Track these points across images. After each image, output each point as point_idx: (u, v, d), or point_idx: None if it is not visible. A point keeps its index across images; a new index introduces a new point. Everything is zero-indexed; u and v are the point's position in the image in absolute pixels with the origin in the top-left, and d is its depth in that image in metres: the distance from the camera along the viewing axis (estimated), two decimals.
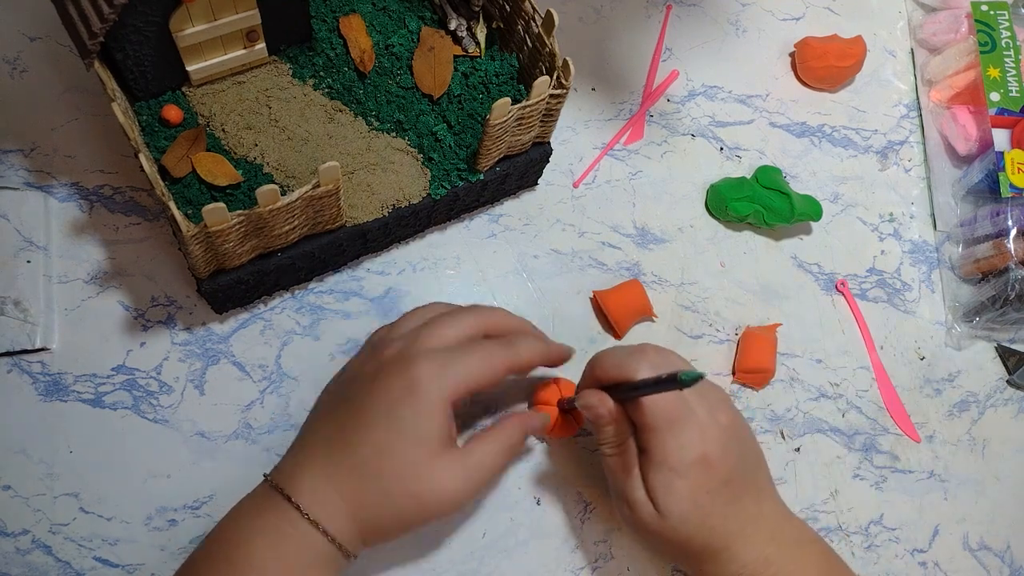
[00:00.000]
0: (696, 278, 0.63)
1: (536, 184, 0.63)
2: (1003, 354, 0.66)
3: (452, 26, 0.58)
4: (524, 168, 0.59)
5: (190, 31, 0.49)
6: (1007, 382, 0.66)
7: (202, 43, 0.50)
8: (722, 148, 0.68)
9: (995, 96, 0.68)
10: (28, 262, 0.53)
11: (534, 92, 0.51)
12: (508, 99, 0.49)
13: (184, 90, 0.53)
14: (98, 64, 0.46)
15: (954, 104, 0.72)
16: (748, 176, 0.65)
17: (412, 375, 0.44)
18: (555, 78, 0.52)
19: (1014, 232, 0.63)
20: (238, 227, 0.45)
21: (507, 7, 0.56)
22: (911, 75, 0.76)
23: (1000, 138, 0.67)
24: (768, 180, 0.64)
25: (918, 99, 0.75)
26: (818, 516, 0.58)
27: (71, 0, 0.44)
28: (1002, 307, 0.63)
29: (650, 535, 0.46)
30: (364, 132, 0.55)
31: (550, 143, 0.58)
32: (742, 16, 0.74)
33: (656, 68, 0.70)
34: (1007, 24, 0.71)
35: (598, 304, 0.60)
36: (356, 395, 0.46)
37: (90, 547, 0.49)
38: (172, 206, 0.44)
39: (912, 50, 0.77)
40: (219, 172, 0.51)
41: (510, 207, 0.62)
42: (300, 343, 0.56)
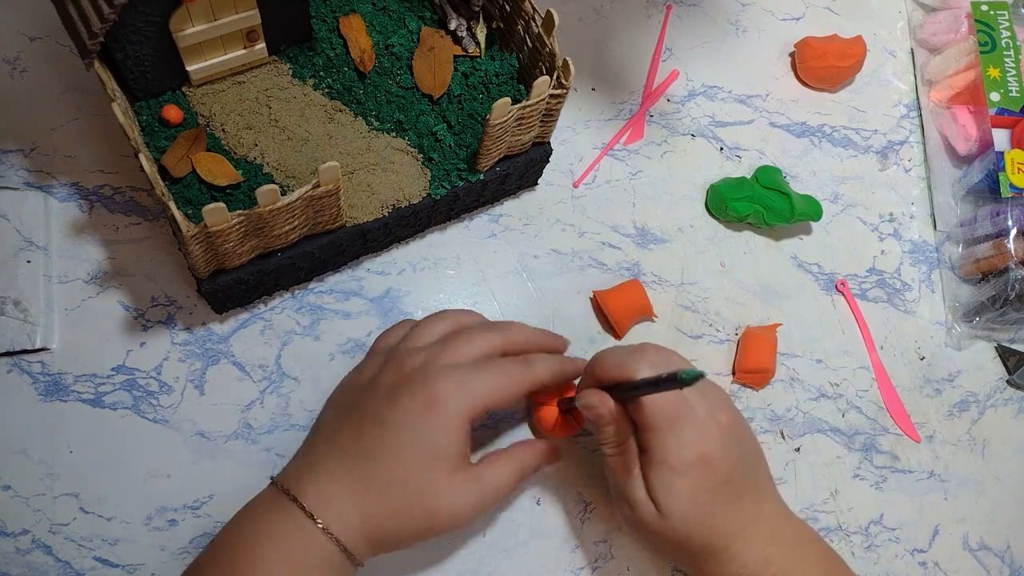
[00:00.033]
0: (696, 278, 0.63)
1: (536, 184, 0.63)
2: (1003, 354, 0.66)
3: (452, 26, 0.58)
4: (524, 168, 0.59)
5: (190, 31, 0.49)
6: (1007, 382, 0.66)
7: (202, 43, 0.50)
8: (722, 148, 0.68)
9: (995, 96, 0.68)
10: (28, 262, 0.53)
11: (534, 92, 0.51)
12: (508, 99, 0.49)
13: (184, 90, 0.53)
14: (98, 64, 0.46)
15: (954, 104, 0.72)
16: (748, 176, 0.65)
17: (433, 391, 0.44)
18: (555, 78, 0.52)
19: (1014, 232, 0.63)
20: (238, 227, 0.45)
21: (507, 7, 0.56)
22: (911, 75, 0.76)
23: (1000, 138, 0.67)
24: (768, 180, 0.64)
25: (918, 99, 0.75)
26: (818, 516, 0.58)
27: (71, 0, 0.44)
28: (1002, 307, 0.63)
29: (651, 535, 0.46)
30: (364, 132, 0.55)
31: (550, 143, 0.58)
32: (742, 16, 0.74)
33: (656, 68, 0.70)
34: (1007, 24, 0.71)
35: (598, 304, 0.60)
36: (374, 405, 0.46)
37: (90, 547, 0.49)
38: (172, 206, 0.44)
39: (912, 50, 0.77)
40: (219, 172, 0.51)
41: (510, 207, 0.62)
42: (300, 343, 0.56)
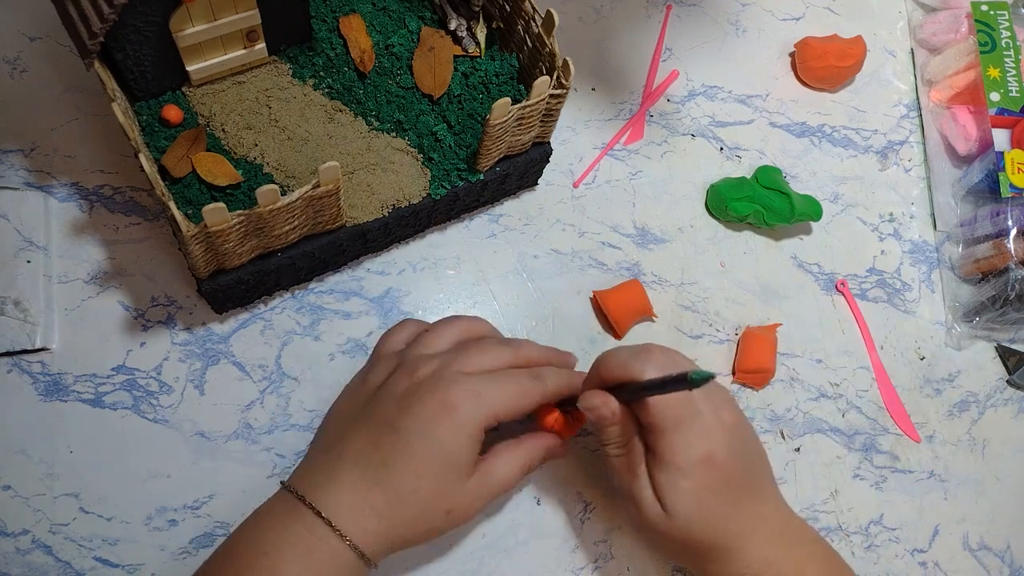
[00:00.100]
0: (696, 278, 0.63)
1: (536, 184, 0.63)
2: (1003, 354, 0.66)
3: (452, 26, 0.58)
4: (524, 168, 0.59)
5: (190, 31, 0.49)
6: (1007, 382, 0.66)
7: (202, 43, 0.50)
8: (722, 148, 0.68)
9: (995, 96, 0.68)
10: (28, 262, 0.53)
11: (534, 92, 0.51)
12: (508, 99, 0.49)
13: (184, 90, 0.53)
14: (98, 64, 0.46)
15: (954, 104, 0.72)
16: (748, 176, 0.65)
17: (447, 399, 0.45)
18: (555, 78, 0.52)
19: (1014, 232, 0.63)
20: (238, 227, 0.45)
21: (507, 7, 0.56)
22: (911, 75, 0.76)
23: (1000, 138, 0.67)
24: (768, 180, 0.64)
25: (918, 99, 0.75)
26: (818, 516, 0.58)
27: (71, 0, 0.44)
28: (1002, 307, 0.63)
29: (656, 535, 0.46)
30: (364, 132, 0.55)
31: (550, 143, 0.58)
32: (742, 16, 0.74)
33: (656, 68, 0.70)
34: (1007, 24, 0.71)
35: (598, 304, 0.60)
36: (387, 412, 0.46)
37: (90, 547, 0.49)
38: (172, 206, 0.44)
39: (912, 50, 0.77)
40: (219, 172, 0.51)
41: (510, 207, 0.62)
42: (300, 343, 0.56)
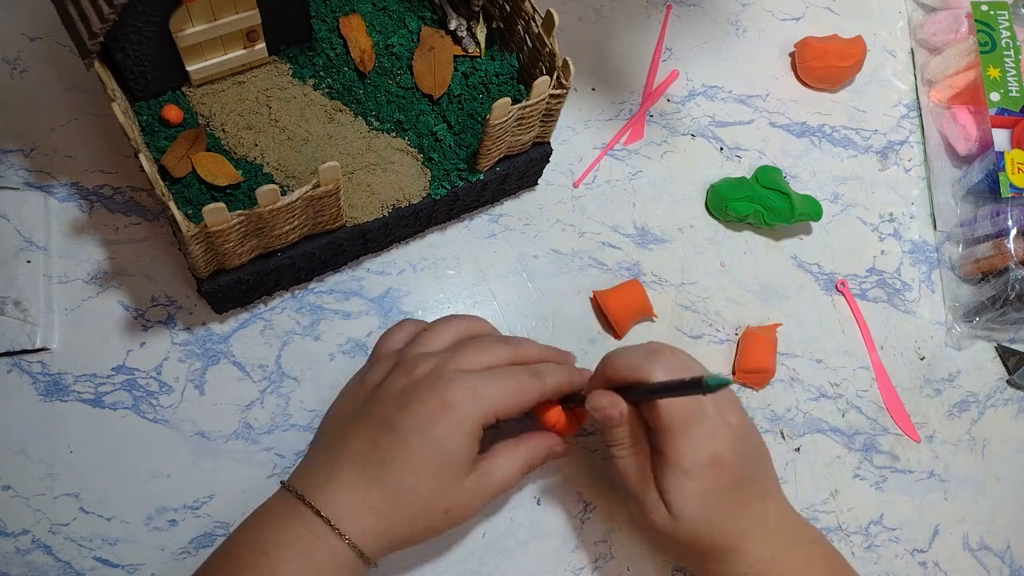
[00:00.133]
0: (696, 278, 0.63)
1: (536, 184, 0.63)
2: (1003, 354, 0.66)
3: (452, 26, 0.58)
4: (524, 168, 0.59)
5: (190, 31, 0.49)
6: (1007, 382, 0.66)
7: (202, 43, 0.50)
8: (722, 148, 0.68)
9: (995, 96, 0.68)
10: (28, 262, 0.53)
11: (534, 92, 0.51)
12: (508, 99, 0.49)
13: (184, 90, 0.53)
14: (98, 64, 0.46)
15: (954, 104, 0.72)
16: (748, 176, 0.65)
17: (444, 397, 0.45)
18: (555, 78, 0.52)
19: (1014, 232, 0.63)
20: (238, 227, 0.45)
21: (507, 7, 0.56)
22: (911, 75, 0.76)
23: (1000, 138, 0.67)
24: (768, 180, 0.64)
25: (918, 99, 0.75)
26: (818, 516, 0.58)
27: (71, 0, 0.44)
28: (1002, 307, 0.63)
29: (661, 536, 0.46)
30: (364, 132, 0.55)
31: (550, 143, 0.58)
32: (742, 16, 0.74)
33: (656, 68, 0.70)
34: (1007, 24, 0.71)
35: (598, 304, 0.60)
36: (384, 410, 0.46)
37: (90, 547, 0.49)
38: (172, 206, 0.44)
39: (912, 50, 0.77)
40: (219, 172, 0.51)
41: (510, 207, 0.62)
42: (300, 343, 0.56)
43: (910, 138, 0.73)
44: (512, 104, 0.50)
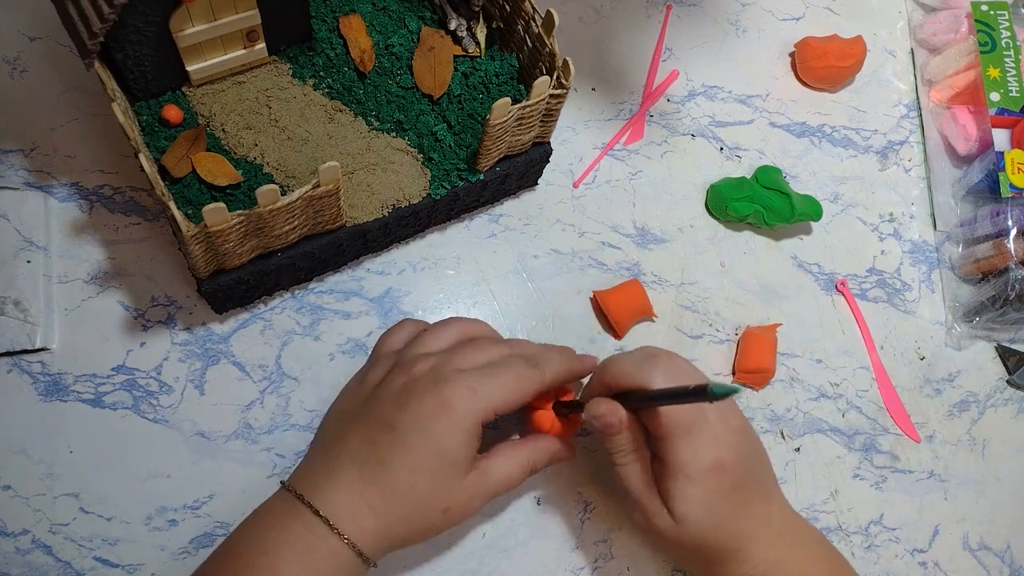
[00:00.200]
0: (696, 278, 0.63)
1: (536, 184, 0.63)
2: (1003, 354, 0.66)
3: (452, 26, 0.58)
4: (524, 168, 0.59)
5: (190, 31, 0.49)
6: (1007, 382, 0.66)
7: (202, 43, 0.50)
8: (722, 148, 0.68)
9: (995, 96, 0.68)
10: (28, 262, 0.53)
11: (534, 92, 0.51)
12: (508, 99, 0.49)
13: (184, 90, 0.53)
14: (98, 64, 0.46)
15: (954, 104, 0.72)
16: (748, 176, 0.65)
17: (443, 396, 0.44)
18: (555, 78, 0.52)
19: (1014, 232, 0.63)
20: (238, 227, 0.45)
21: (507, 7, 0.56)
22: (911, 75, 0.76)
23: (1000, 138, 0.67)
24: (768, 180, 0.64)
25: (918, 99, 0.75)
26: (818, 516, 0.58)
27: (71, 0, 0.44)
28: (1002, 307, 0.63)
29: (665, 540, 0.46)
30: (364, 132, 0.55)
31: (550, 143, 0.58)
32: (742, 16, 0.74)
33: (656, 68, 0.70)
34: (1007, 24, 0.71)
35: (598, 304, 0.60)
36: (383, 409, 0.46)
37: (90, 547, 0.49)
38: (172, 206, 0.44)
39: (912, 50, 0.77)
40: (219, 172, 0.51)
41: (510, 207, 0.62)
42: (300, 343, 0.56)
43: (910, 138, 0.73)
44: (512, 104, 0.50)
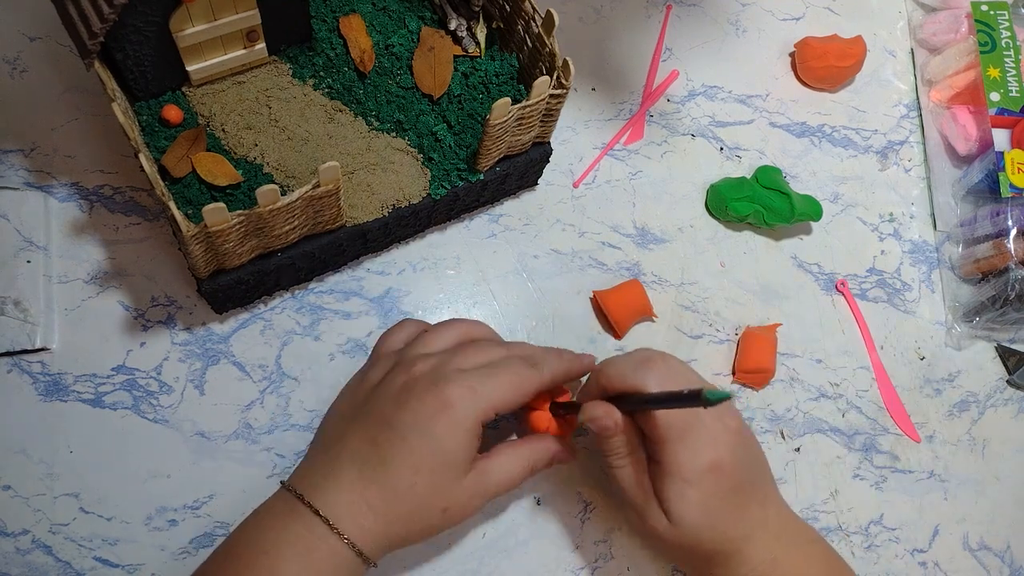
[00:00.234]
0: (696, 278, 0.63)
1: (536, 184, 0.63)
2: (1003, 354, 0.66)
3: (452, 26, 0.58)
4: (524, 168, 0.59)
5: (190, 31, 0.49)
6: (1007, 382, 0.66)
7: (202, 43, 0.50)
8: (722, 148, 0.68)
9: (995, 96, 0.68)
10: (28, 262, 0.53)
11: (534, 92, 0.51)
12: (508, 99, 0.49)
13: (184, 90, 0.53)
14: (98, 64, 0.46)
15: (954, 104, 0.72)
16: (748, 176, 0.65)
17: (442, 395, 0.45)
18: (555, 78, 0.52)
19: (1014, 232, 0.63)
20: (238, 227, 0.45)
21: (507, 7, 0.56)
22: (911, 75, 0.76)
23: (1000, 138, 0.67)
24: (768, 180, 0.64)
25: (918, 99, 0.75)
26: (818, 516, 0.58)
27: (71, 0, 0.44)
28: (1002, 307, 0.63)
29: (662, 543, 0.46)
30: (364, 132, 0.55)
31: (550, 143, 0.58)
32: (742, 16, 0.74)
33: (656, 68, 0.70)
34: (1007, 24, 0.71)
35: (598, 304, 0.60)
36: (383, 409, 0.46)
37: (90, 547, 0.49)
38: (172, 206, 0.44)
39: (912, 50, 0.77)
40: (219, 172, 0.51)
41: (510, 207, 0.62)
42: (300, 343, 0.56)
43: (910, 138, 0.73)
44: (512, 104, 0.50)
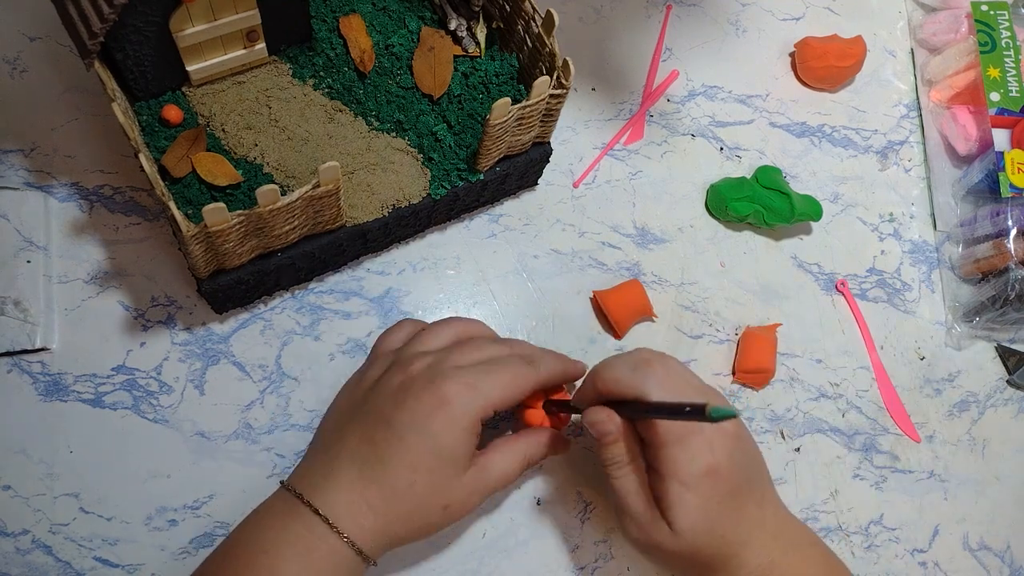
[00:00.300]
0: (696, 278, 0.63)
1: (536, 184, 0.63)
2: (1003, 354, 0.66)
3: (452, 26, 0.58)
4: (524, 168, 0.59)
5: (190, 31, 0.49)
6: (1007, 382, 0.66)
7: (202, 43, 0.50)
8: (722, 148, 0.68)
9: (995, 96, 0.68)
10: (28, 262, 0.53)
11: (534, 92, 0.51)
12: (508, 99, 0.49)
13: (184, 90, 0.53)
14: (98, 64, 0.46)
15: (954, 104, 0.72)
16: (748, 176, 0.65)
17: (443, 393, 0.45)
18: (555, 78, 0.52)
19: (1014, 232, 0.63)
20: (238, 227, 0.45)
21: (507, 7, 0.56)
22: (911, 75, 0.76)
23: (1000, 138, 0.67)
24: (768, 180, 0.64)
25: (918, 99, 0.75)
26: (818, 516, 0.58)
27: (71, 0, 0.44)
28: (1002, 307, 0.63)
29: (663, 553, 0.46)
30: (364, 132, 0.55)
31: (550, 143, 0.58)
32: (742, 16, 0.74)
33: (656, 68, 0.70)
34: (1007, 24, 0.71)
35: (598, 304, 0.60)
36: (381, 407, 0.46)
37: (90, 547, 0.49)
38: (172, 206, 0.44)
39: (912, 50, 0.77)
40: (219, 172, 0.51)
41: (510, 207, 0.62)
42: (300, 343, 0.56)
43: (910, 138, 0.73)
44: (512, 104, 0.50)
